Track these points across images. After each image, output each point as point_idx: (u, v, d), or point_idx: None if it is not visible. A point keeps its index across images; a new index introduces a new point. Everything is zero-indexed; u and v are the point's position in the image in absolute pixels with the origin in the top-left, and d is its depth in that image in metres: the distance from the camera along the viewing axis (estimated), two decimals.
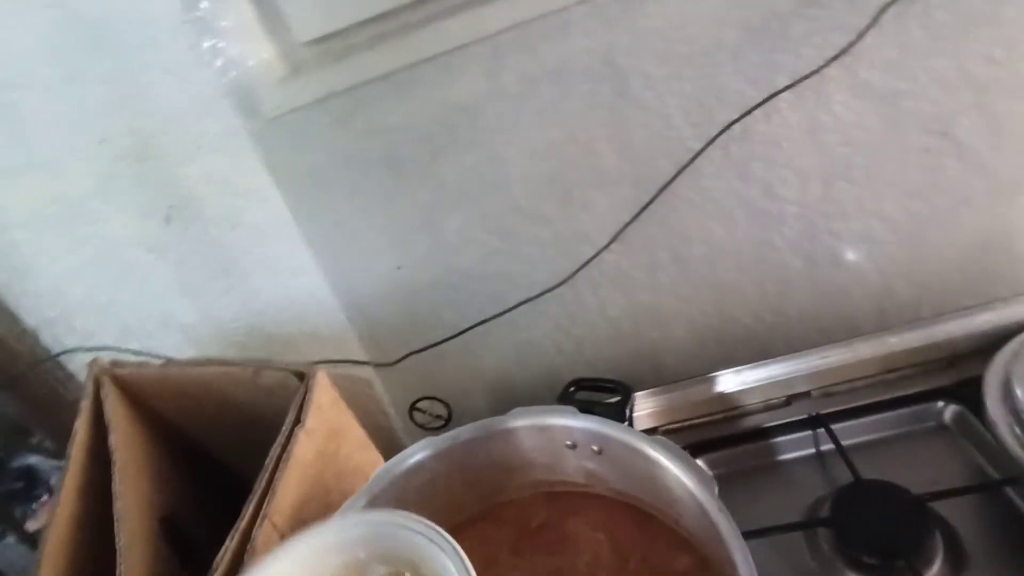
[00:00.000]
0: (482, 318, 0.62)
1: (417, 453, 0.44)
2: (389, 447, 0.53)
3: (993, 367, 0.53)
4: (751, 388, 0.59)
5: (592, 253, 0.62)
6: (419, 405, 0.64)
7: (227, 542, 0.40)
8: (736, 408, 0.60)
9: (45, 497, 1.11)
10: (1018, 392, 0.49)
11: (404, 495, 0.43)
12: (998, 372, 0.52)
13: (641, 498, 0.42)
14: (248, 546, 0.40)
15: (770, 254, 0.63)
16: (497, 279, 0.64)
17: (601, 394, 0.49)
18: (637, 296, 0.66)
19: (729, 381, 0.60)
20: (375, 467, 0.44)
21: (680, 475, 0.36)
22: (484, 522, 0.46)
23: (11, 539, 1.07)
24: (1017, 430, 0.48)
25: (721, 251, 0.63)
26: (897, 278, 0.64)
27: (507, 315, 0.63)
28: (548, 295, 0.63)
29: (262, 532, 0.41)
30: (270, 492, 0.43)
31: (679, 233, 0.62)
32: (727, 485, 0.37)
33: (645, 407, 0.61)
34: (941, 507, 0.46)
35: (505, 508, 0.46)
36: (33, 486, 1.14)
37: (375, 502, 0.42)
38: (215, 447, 0.62)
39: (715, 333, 0.67)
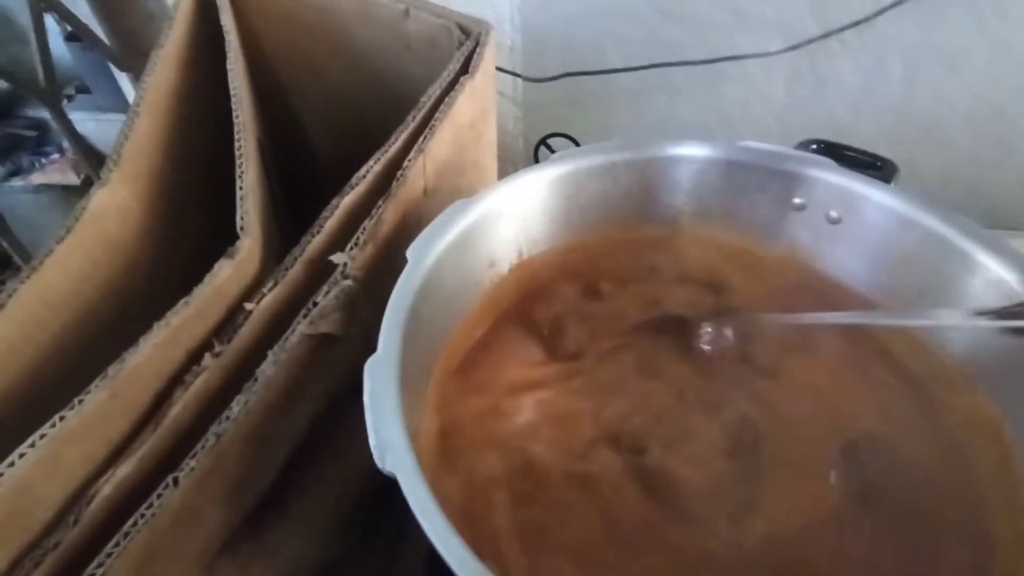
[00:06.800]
0: (661, 61, 0.52)
1: (610, 151, 0.35)
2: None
3: None
4: None
5: (819, 33, 0.51)
6: (549, 141, 0.55)
7: (370, 163, 0.32)
8: None
9: (56, 156, 1.03)
10: None
11: (578, 190, 0.35)
12: None
13: (872, 299, 0.33)
14: (399, 174, 0.32)
15: (1011, 109, 0.52)
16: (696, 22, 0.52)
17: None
18: (833, 107, 0.55)
19: None
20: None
21: (989, 261, 0.28)
22: None
23: (17, 183, 1.01)
24: None
25: (957, 83, 0.52)
26: None
27: (692, 67, 0.52)
28: (739, 62, 0.52)
29: (414, 168, 0.33)
30: (428, 129, 0.34)
31: (925, 39, 0.51)
32: None
33: None
34: None
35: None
36: (44, 141, 1.06)
37: (555, 185, 0.34)
38: (303, 104, 0.52)
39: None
